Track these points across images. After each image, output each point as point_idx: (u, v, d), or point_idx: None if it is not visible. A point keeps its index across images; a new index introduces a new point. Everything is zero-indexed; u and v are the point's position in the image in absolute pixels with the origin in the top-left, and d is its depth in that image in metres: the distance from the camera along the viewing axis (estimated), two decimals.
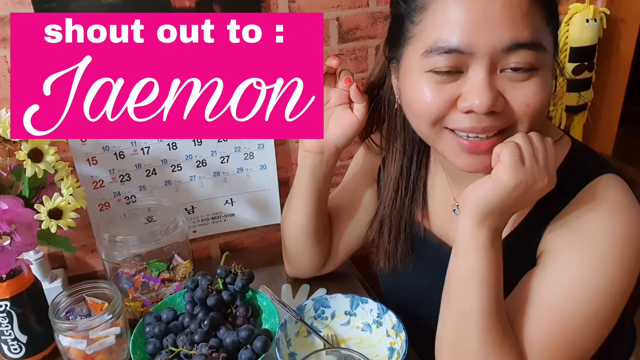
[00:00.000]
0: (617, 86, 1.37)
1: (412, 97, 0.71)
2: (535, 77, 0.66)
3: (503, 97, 0.66)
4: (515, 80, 0.66)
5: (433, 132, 0.72)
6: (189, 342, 0.84)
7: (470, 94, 0.66)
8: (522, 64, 0.64)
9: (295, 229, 0.99)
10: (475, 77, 0.65)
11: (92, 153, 1.07)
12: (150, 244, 0.98)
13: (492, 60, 0.64)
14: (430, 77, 0.68)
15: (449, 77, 0.67)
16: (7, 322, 0.89)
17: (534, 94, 0.66)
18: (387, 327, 0.89)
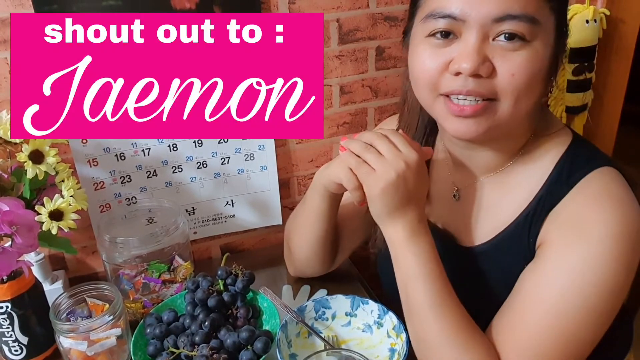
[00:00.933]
0: (617, 87, 1.37)
1: (413, 62, 0.76)
2: (525, 49, 0.68)
3: (491, 64, 0.69)
4: (505, 50, 0.68)
5: (431, 98, 0.76)
6: (190, 343, 0.84)
7: (460, 57, 0.70)
8: (512, 33, 0.67)
9: (307, 245, 0.99)
10: (466, 42, 0.69)
11: (93, 154, 1.07)
12: (151, 245, 0.98)
13: (484, 28, 0.68)
14: (429, 41, 0.73)
15: (445, 41, 0.71)
16: (8, 323, 0.89)
17: (519, 65, 0.68)
18: (387, 328, 0.89)
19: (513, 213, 0.79)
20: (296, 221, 1.01)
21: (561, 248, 0.72)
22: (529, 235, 0.77)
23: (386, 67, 1.22)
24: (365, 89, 1.22)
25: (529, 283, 0.73)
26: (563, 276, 0.70)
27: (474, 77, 0.69)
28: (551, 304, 0.70)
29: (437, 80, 0.73)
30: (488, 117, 0.72)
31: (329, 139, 1.24)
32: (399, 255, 0.78)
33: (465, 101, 0.71)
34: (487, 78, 0.69)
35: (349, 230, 1.02)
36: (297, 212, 1.01)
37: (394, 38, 1.19)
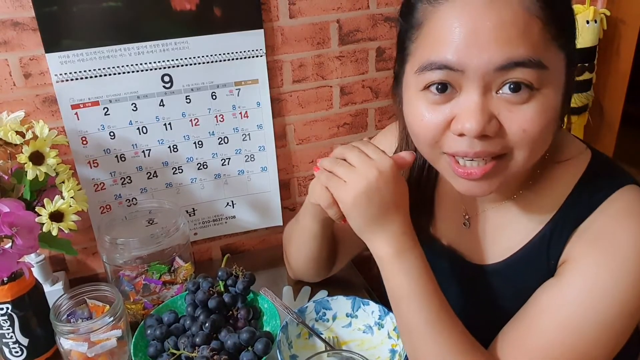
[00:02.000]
0: (617, 87, 1.37)
1: (410, 117, 0.70)
2: (534, 99, 0.62)
3: (498, 120, 0.63)
4: (512, 103, 0.62)
5: (432, 154, 0.71)
6: (190, 344, 0.84)
7: (462, 116, 0.63)
8: (518, 82, 0.61)
9: (302, 260, 1.00)
10: (468, 99, 0.63)
11: (93, 156, 1.07)
12: (151, 246, 0.98)
13: (485, 80, 0.61)
14: (425, 96, 0.66)
15: (442, 96, 0.64)
16: (9, 325, 0.89)
17: (531, 119, 0.62)
18: (388, 329, 0.89)
19: (526, 235, 0.76)
20: (291, 236, 1.00)
21: (583, 265, 0.69)
22: (549, 257, 0.74)
23: (387, 68, 1.21)
24: (365, 89, 1.22)
25: (545, 296, 0.71)
26: (583, 293, 0.67)
27: (480, 138, 0.63)
28: (567, 319, 0.68)
29: (439, 139, 0.67)
30: (499, 174, 0.67)
31: (330, 140, 1.24)
32: (388, 273, 0.73)
33: (473, 162, 0.66)
34: (495, 137, 0.63)
35: (346, 240, 1.01)
36: (293, 228, 1.00)
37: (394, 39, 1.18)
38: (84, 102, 1.03)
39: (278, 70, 1.13)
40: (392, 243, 0.72)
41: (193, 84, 1.08)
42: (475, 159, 0.65)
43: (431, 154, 0.71)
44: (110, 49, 1.00)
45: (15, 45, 0.96)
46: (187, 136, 1.12)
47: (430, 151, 0.70)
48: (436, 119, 0.66)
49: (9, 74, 0.98)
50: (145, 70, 1.04)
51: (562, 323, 0.68)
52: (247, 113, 1.14)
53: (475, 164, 0.66)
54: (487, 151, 0.64)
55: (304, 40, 1.13)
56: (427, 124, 0.66)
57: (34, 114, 1.01)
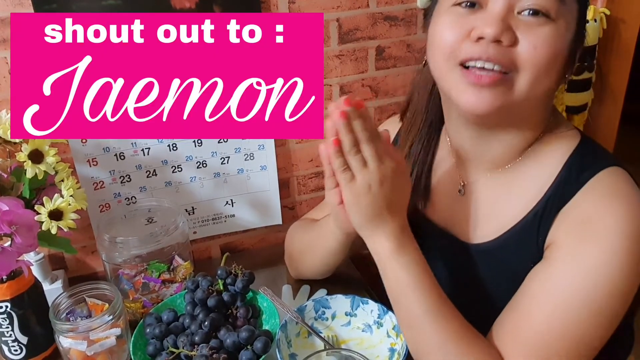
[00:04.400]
0: (617, 86, 1.37)
1: (434, 32, 0.75)
2: (549, 26, 0.68)
3: (514, 34, 0.69)
4: (529, 24, 0.68)
5: (446, 67, 0.74)
6: (190, 343, 0.84)
7: (483, 23, 0.69)
8: (538, 8, 0.68)
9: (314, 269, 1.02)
10: (491, 10, 0.69)
11: (93, 154, 1.07)
12: (150, 245, 0.98)
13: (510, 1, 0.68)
14: (454, 10, 0.73)
15: (470, 10, 0.71)
16: (8, 323, 0.89)
17: (543, 39, 0.68)
18: (387, 328, 0.89)
19: (520, 211, 0.78)
20: (307, 247, 1.01)
21: (571, 249, 0.71)
22: (538, 235, 0.76)
23: (386, 67, 1.21)
24: (365, 88, 1.22)
25: (536, 283, 0.72)
26: (572, 277, 0.69)
27: (496, 43, 0.68)
28: (558, 304, 0.69)
29: (457, 47, 0.72)
30: (505, 90, 0.70)
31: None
32: (387, 268, 0.76)
33: (483, 71, 0.70)
34: (508, 47, 0.69)
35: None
36: (308, 241, 1.00)
37: (394, 38, 1.19)
38: None
39: None
40: (391, 240, 0.75)
41: None
42: (486, 64, 0.69)
43: (445, 66, 0.74)
44: None
45: None
46: None
47: (444, 63, 0.74)
48: (459, 28, 0.72)
49: (9, 72, 0.98)
50: None
51: (554, 308, 0.70)
52: None
53: (489, 67, 0.70)
54: (498, 57, 0.69)
55: None
56: (450, 33, 0.72)
57: None
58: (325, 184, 0.79)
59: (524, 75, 0.69)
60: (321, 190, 1.28)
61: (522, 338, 0.71)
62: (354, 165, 0.73)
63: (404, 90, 1.25)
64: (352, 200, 0.74)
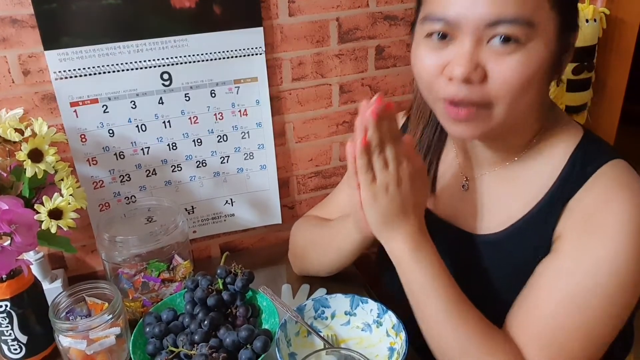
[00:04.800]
0: (616, 86, 1.37)
1: (414, 61, 0.76)
2: (519, 52, 0.67)
3: (484, 69, 0.68)
4: (499, 54, 0.67)
5: (431, 99, 0.76)
6: (189, 342, 0.84)
7: (453, 62, 0.69)
8: (507, 35, 0.66)
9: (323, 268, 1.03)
10: (460, 47, 0.69)
11: (92, 153, 1.07)
12: (150, 244, 0.98)
13: (477, 33, 0.67)
14: (427, 42, 0.73)
15: (442, 42, 0.71)
16: (7, 322, 0.89)
17: (512, 69, 0.67)
18: (387, 327, 0.89)
19: (526, 204, 0.79)
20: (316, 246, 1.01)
21: (578, 241, 0.72)
22: (545, 228, 0.76)
23: (386, 67, 1.22)
24: (364, 88, 1.22)
25: (545, 277, 0.73)
26: (582, 268, 0.70)
27: (466, 82, 0.68)
28: (569, 296, 0.70)
29: (435, 82, 0.73)
30: (482, 121, 0.72)
31: (329, 138, 1.24)
32: (406, 270, 0.77)
33: (460, 106, 0.71)
34: (480, 83, 0.69)
35: None
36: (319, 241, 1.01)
37: (394, 37, 1.19)
38: (82, 100, 1.03)
39: (277, 68, 1.13)
40: (409, 241, 0.76)
41: (192, 81, 1.08)
42: (460, 103, 0.71)
43: (429, 98, 0.76)
44: (109, 46, 1.00)
45: (14, 42, 0.96)
46: (186, 134, 1.12)
47: (428, 96, 0.76)
48: (433, 62, 0.72)
49: (8, 71, 0.98)
50: (144, 68, 1.03)
51: (565, 301, 0.70)
52: (246, 111, 1.14)
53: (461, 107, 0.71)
54: (469, 98, 0.70)
55: (304, 38, 1.13)
56: (426, 67, 0.73)
57: (33, 112, 1.01)
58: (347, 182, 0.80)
59: (499, 107, 0.70)
60: (321, 190, 1.28)
61: (536, 331, 0.72)
62: (376, 165, 0.74)
63: (403, 90, 1.25)
64: (370, 200, 0.75)
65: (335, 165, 1.27)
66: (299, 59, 1.14)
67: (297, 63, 1.14)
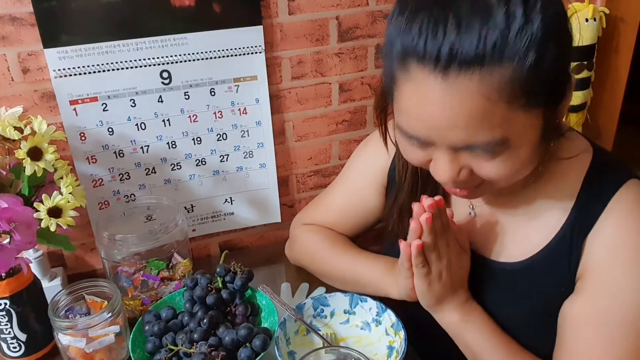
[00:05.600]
0: (616, 85, 1.37)
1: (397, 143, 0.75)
2: (503, 155, 0.63)
3: (469, 168, 0.67)
4: (480, 157, 0.64)
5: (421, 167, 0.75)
6: (189, 340, 0.84)
7: (435, 165, 0.68)
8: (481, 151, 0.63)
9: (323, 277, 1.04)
10: (439, 156, 0.67)
11: (92, 152, 1.07)
12: (149, 242, 0.98)
13: (452, 148, 0.65)
14: (407, 140, 0.69)
15: (421, 144, 0.67)
16: (7, 320, 0.89)
17: (498, 170, 0.65)
18: (386, 326, 0.89)
19: (547, 235, 0.77)
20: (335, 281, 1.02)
21: (610, 276, 0.70)
22: (570, 260, 0.74)
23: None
24: (364, 86, 1.22)
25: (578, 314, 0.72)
26: (615, 304, 0.69)
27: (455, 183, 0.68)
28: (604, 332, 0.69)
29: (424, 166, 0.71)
30: (485, 190, 0.72)
31: (328, 137, 1.24)
32: (458, 335, 0.82)
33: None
34: (470, 176, 0.67)
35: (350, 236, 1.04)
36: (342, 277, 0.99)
37: None
38: (82, 98, 1.03)
39: (277, 66, 1.13)
40: (458, 311, 0.81)
41: (192, 80, 1.08)
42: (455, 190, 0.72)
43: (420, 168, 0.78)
44: (108, 44, 1.00)
45: (13, 40, 0.96)
46: (186, 132, 1.12)
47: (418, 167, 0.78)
48: (418, 156, 0.70)
49: (7, 69, 0.98)
50: (144, 66, 1.03)
51: (601, 338, 0.69)
52: (245, 109, 1.14)
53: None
54: (462, 186, 0.70)
55: (303, 37, 1.13)
56: (411, 159, 0.72)
57: (32, 110, 1.01)
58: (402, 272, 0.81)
59: (497, 185, 0.69)
60: (320, 188, 1.28)
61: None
62: (431, 258, 0.77)
63: None
64: (425, 288, 0.79)
65: (334, 164, 1.27)
66: (298, 58, 1.14)
67: (297, 62, 1.14)
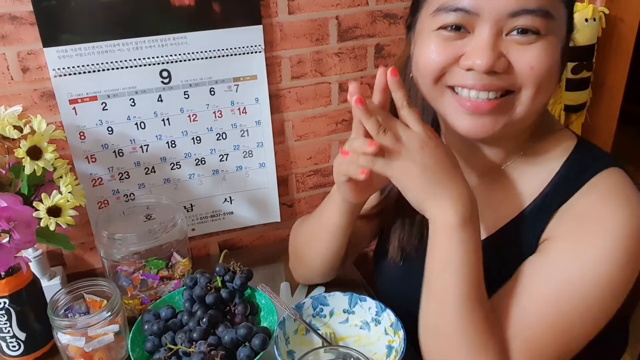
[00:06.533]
0: (616, 85, 1.37)
1: (419, 55, 0.73)
2: (540, 42, 0.66)
3: (507, 59, 0.67)
4: (520, 43, 0.66)
5: (436, 90, 0.73)
6: (188, 339, 0.84)
7: (473, 52, 0.67)
8: (527, 28, 0.66)
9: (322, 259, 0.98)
10: (480, 37, 0.67)
11: (91, 151, 1.07)
12: (149, 241, 0.98)
13: (498, 23, 0.66)
14: (438, 34, 0.70)
15: (456, 34, 0.68)
16: (6, 319, 0.89)
17: (537, 57, 0.67)
18: (385, 325, 0.89)
19: (515, 209, 0.78)
20: (311, 234, 0.98)
21: (566, 244, 0.71)
22: (534, 232, 0.75)
23: (385, 65, 1.21)
24: (364, 86, 1.22)
25: (527, 273, 0.72)
26: (565, 270, 0.69)
27: (489, 74, 0.67)
28: (547, 295, 0.69)
29: (446, 71, 0.70)
30: (505, 112, 0.70)
31: (328, 137, 1.24)
32: (445, 240, 0.70)
33: (480, 96, 0.69)
34: (503, 73, 0.67)
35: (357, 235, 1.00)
36: (312, 226, 0.97)
37: (393, 35, 1.19)
38: (82, 97, 1.03)
39: (277, 66, 1.13)
40: (459, 209, 0.69)
41: (191, 79, 1.08)
42: (482, 91, 0.68)
43: (434, 90, 0.73)
44: (108, 43, 1.00)
45: (13, 39, 0.96)
46: (185, 132, 1.12)
47: (433, 87, 0.72)
48: (446, 53, 0.69)
49: (7, 68, 0.98)
50: (143, 65, 1.03)
51: (543, 299, 0.70)
52: (245, 109, 1.14)
53: (484, 96, 0.69)
54: (495, 85, 0.68)
55: (303, 37, 1.13)
56: (436, 58, 0.70)
57: (32, 109, 1.01)
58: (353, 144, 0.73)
59: (525, 94, 0.69)
60: (320, 188, 1.28)
61: (510, 324, 0.71)
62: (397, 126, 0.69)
63: None
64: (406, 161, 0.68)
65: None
66: (298, 57, 1.14)
67: (297, 61, 1.14)
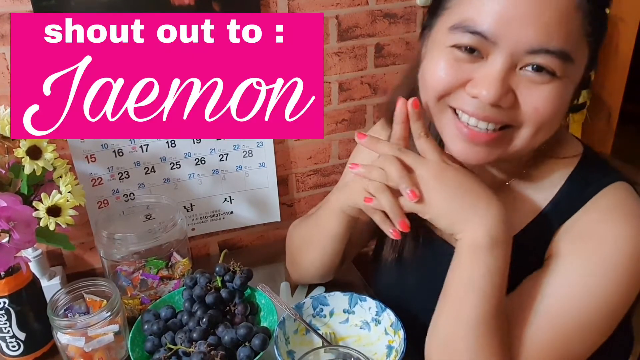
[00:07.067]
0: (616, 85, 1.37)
1: (427, 68, 0.71)
2: (553, 84, 0.63)
3: (514, 94, 0.65)
4: (533, 82, 0.64)
5: (437, 107, 0.71)
6: (188, 339, 0.84)
7: (481, 81, 0.64)
8: (543, 67, 0.63)
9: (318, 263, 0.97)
10: (492, 67, 0.64)
11: (91, 151, 1.07)
12: (149, 241, 0.98)
13: (513, 56, 0.63)
14: (451, 52, 0.67)
15: (469, 56, 0.65)
16: (6, 319, 0.89)
17: (545, 100, 0.64)
18: (385, 325, 0.89)
19: (518, 225, 0.77)
20: (307, 239, 0.97)
21: (569, 260, 0.70)
22: (538, 246, 0.74)
23: (385, 65, 1.21)
24: (364, 86, 1.22)
25: (528, 289, 0.72)
26: (564, 288, 0.69)
27: (493, 105, 0.65)
28: (547, 312, 0.69)
29: (450, 92, 0.68)
30: (501, 145, 0.68)
31: (328, 137, 1.24)
32: (469, 260, 0.69)
33: (479, 126, 0.67)
34: (507, 108, 0.65)
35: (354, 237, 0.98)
36: (309, 231, 0.97)
37: (393, 35, 1.19)
38: None
39: None
40: (491, 231, 0.68)
41: None
42: (482, 121, 0.66)
43: (436, 107, 0.71)
44: None
45: None
46: None
47: (435, 103, 0.71)
48: (455, 75, 0.67)
49: (7, 68, 0.97)
50: None
51: (542, 315, 0.70)
52: None
53: (484, 126, 0.67)
54: (496, 118, 0.66)
55: None
56: (445, 78, 0.67)
57: None
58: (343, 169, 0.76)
59: (525, 132, 0.67)
60: (320, 188, 1.28)
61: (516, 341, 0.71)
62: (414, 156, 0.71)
63: None
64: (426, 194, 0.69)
65: (334, 163, 1.27)
66: None
67: None
